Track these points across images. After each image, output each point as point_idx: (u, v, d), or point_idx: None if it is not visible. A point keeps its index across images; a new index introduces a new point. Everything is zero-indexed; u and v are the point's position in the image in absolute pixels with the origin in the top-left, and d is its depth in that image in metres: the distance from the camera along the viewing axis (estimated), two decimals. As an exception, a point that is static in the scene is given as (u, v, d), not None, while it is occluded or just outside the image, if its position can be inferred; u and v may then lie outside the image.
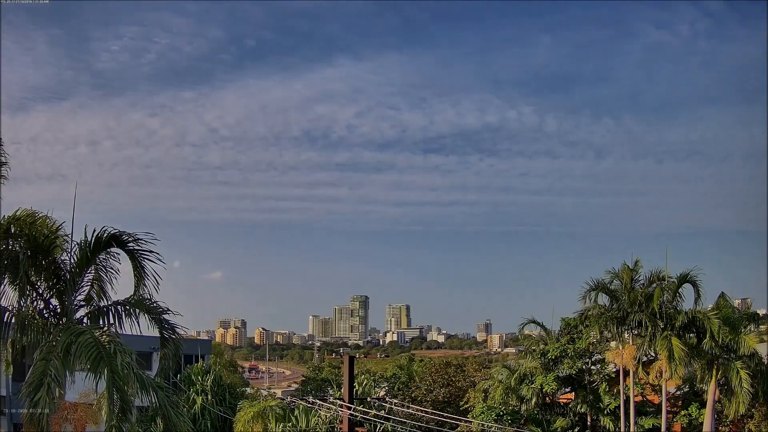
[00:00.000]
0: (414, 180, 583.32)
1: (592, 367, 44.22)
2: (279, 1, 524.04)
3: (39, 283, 19.43)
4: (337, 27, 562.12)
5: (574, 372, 43.44)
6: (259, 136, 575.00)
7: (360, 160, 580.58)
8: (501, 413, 41.72)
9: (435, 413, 40.13)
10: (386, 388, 59.85)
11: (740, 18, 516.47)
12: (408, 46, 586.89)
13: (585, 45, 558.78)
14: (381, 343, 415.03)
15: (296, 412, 38.30)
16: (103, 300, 20.01)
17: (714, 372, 37.13)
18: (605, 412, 42.72)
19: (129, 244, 19.36)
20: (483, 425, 40.45)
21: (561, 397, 46.25)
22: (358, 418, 33.53)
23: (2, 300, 18.85)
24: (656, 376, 38.44)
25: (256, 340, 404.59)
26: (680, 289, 38.45)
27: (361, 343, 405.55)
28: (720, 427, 41.21)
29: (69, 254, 19.46)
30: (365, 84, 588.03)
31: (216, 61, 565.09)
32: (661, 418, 39.43)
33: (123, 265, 19.95)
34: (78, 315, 19.55)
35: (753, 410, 39.48)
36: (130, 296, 19.77)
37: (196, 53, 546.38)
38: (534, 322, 46.56)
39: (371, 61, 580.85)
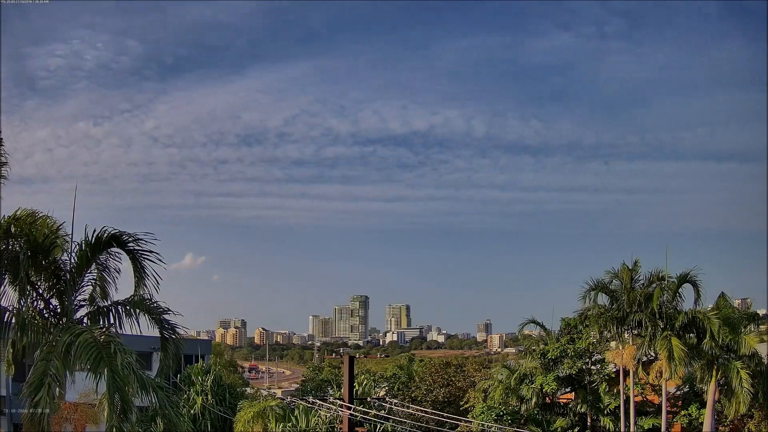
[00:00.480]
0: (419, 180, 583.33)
1: (592, 367, 44.22)
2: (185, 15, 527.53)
3: (39, 283, 19.43)
4: (246, 41, 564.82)
5: (574, 372, 43.46)
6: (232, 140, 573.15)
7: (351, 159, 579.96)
8: (501, 413, 41.74)
9: (435, 413, 40.14)
10: (386, 388, 59.81)
11: (735, 16, 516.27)
12: (313, 55, 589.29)
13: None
14: (381, 343, 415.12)
15: (296, 412, 38.29)
16: (103, 300, 20.02)
17: (714, 372, 37.13)
18: (605, 412, 42.74)
19: (129, 244, 19.37)
20: (483, 425, 40.46)
21: (561, 397, 46.27)
22: (358, 418, 33.52)
23: (2, 300, 18.88)
24: (656, 376, 38.45)
25: (256, 340, 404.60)
26: (680, 289, 38.48)
27: (361, 343, 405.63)
28: (720, 427, 41.21)
29: (69, 254, 19.48)
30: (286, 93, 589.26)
31: (142, 76, 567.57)
32: (661, 418, 39.44)
33: (123, 265, 19.98)
34: (78, 315, 19.56)
35: (753, 410, 39.48)
36: (131, 296, 19.78)
37: (124, 69, 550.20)
38: (534, 322, 46.61)
39: (283, 72, 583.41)
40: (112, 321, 19.61)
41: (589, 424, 43.83)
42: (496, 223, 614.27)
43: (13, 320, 18.61)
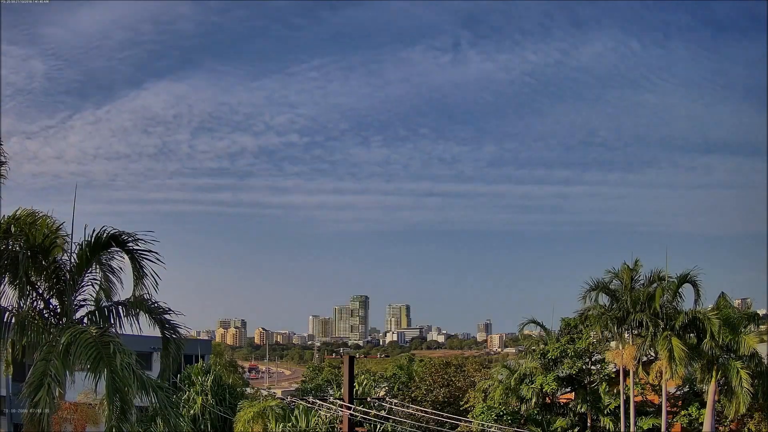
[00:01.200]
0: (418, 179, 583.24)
1: (592, 367, 44.22)
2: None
3: (39, 283, 19.40)
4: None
5: (574, 372, 43.45)
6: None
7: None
8: (501, 413, 41.74)
9: (435, 413, 40.15)
10: (386, 388, 59.83)
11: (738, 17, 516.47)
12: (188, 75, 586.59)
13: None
14: (381, 343, 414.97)
15: (296, 412, 38.29)
16: (103, 300, 20.00)
17: (714, 372, 37.12)
18: (605, 412, 42.72)
19: (128, 244, 19.33)
20: (483, 425, 40.45)
21: (561, 397, 46.25)
22: (358, 418, 33.53)
23: (2, 300, 18.86)
24: (656, 377, 38.44)
25: (256, 340, 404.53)
26: (680, 289, 38.49)
27: (361, 343, 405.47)
28: (720, 427, 41.19)
29: (69, 254, 19.46)
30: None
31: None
32: (661, 418, 39.43)
33: (123, 264, 19.95)
34: (78, 315, 19.54)
35: (753, 410, 39.47)
36: (130, 296, 19.76)
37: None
38: (534, 322, 46.61)
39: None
40: (112, 321, 19.59)
41: (589, 424, 43.82)
42: (497, 222, 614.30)
43: (13, 320, 18.59)
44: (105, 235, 19.07)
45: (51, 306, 19.46)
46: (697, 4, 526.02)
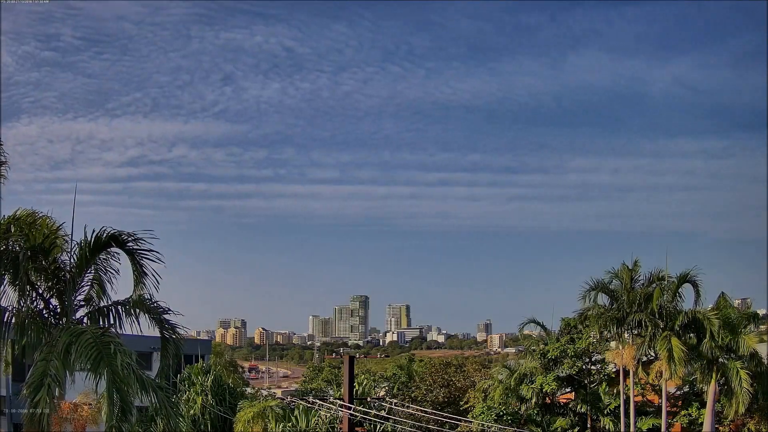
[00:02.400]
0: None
1: (592, 367, 44.22)
2: None
3: (39, 284, 19.40)
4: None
5: (574, 372, 43.44)
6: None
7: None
8: (501, 413, 41.73)
9: (435, 413, 40.15)
10: (386, 388, 59.83)
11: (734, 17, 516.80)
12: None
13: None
14: (381, 343, 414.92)
15: (296, 412, 38.34)
16: (103, 300, 20.00)
17: (714, 372, 37.12)
18: (605, 412, 42.73)
19: (128, 244, 19.32)
20: (483, 425, 40.45)
21: (561, 397, 46.25)
22: (358, 418, 33.55)
23: (2, 300, 18.86)
24: (656, 377, 38.44)
25: (256, 340, 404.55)
26: (680, 289, 38.47)
27: (361, 343, 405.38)
28: (720, 427, 41.18)
29: (69, 254, 19.46)
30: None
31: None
32: (661, 418, 39.43)
33: (123, 264, 19.95)
34: (78, 315, 19.53)
35: (753, 410, 39.46)
36: (131, 296, 19.76)
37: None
38: (534, 322, 46.59)
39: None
40: (112, 321, 19.59)
41: (589, 424, 43.82)
42: (496, 222, 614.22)
43: (13, 320, 18.59)
44: (105, 234, 19.07)
45: (51, 306, 19.45)
46: None
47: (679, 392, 43.87)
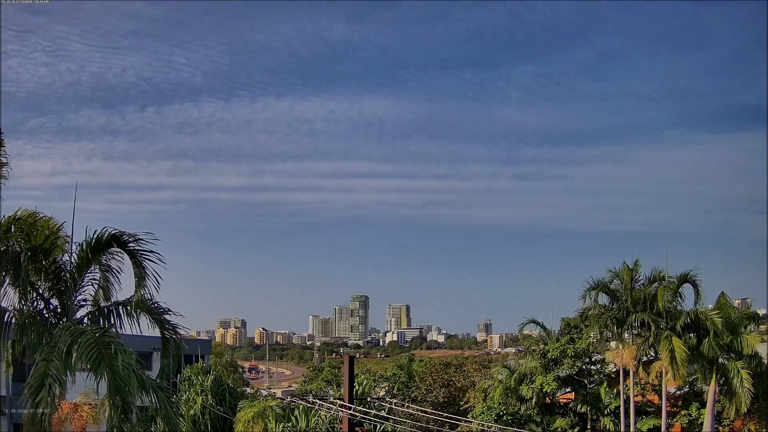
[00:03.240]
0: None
1: (592, 367, 44.20)
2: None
3: (39, 284, 19.41)
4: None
5: (574, 372, 43.43)
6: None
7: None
8: (501, 413, 41.71)
9: (435, 413, 40.13)
10: (386, 388, 59.79)
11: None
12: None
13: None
14: (381, 343, 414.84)
15: (296, 412, 38.32)
16: (103, 300, 20.00)
17: (714, 372, 37.10)
18: (605, 412, 42.70)
19: (129, 245, 19.35)
20: (483, 425, 40.43)
21: (561, 397, 46.23)
22: (358, 418, 33.54)
23: (3, 300, 18.86)
24: (656, 377, 38.42)
25: (256, 340, 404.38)
26: (680, 289, 38.45)
27: (361, 343, 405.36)
28: (720, 427, 41.17)
29: (69, 255, 19.46)
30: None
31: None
32: (661, 418, 39.42)
33: (123, 265, 19.94)
34: (78, 315, 19.54)
35: (753, 410, 39.44)
36: (131, 296, 19.76)
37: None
38: (534, 321, 46.54)
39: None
40: (112, 321, 19.60)
41: (589, 424, 43.81)
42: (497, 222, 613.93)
43: (14, 320, 18.59)
44: (106, 235, 19.08)
45: (51, 306, 19.46)
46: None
47: (679, 392, 43.84)
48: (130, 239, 19.17)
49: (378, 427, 39.28)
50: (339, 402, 33.28)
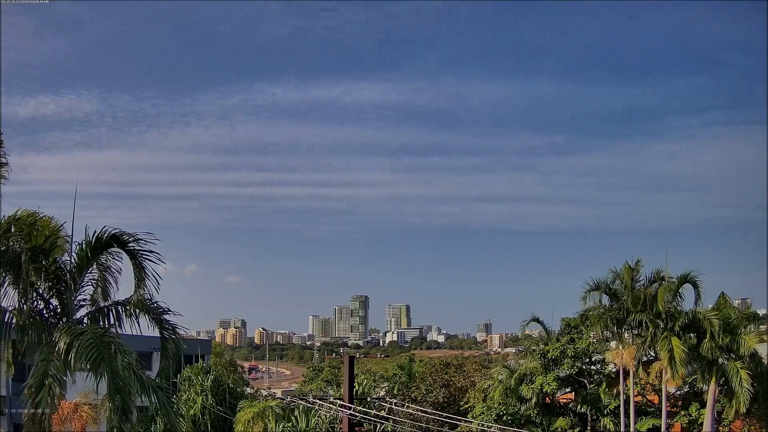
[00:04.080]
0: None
1: (592, 367, 44.19)
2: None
3: (39, 284, 19.41)
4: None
5: (574, 372, 43.43)
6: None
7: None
8: (501, 413, 41.70)
9: (435, 413, 40.13)
10: (386, 388, 59.79)
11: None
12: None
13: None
14: (381, 343, 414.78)
15: (296, 412, 38.30)
16: (103, 300, 20.00)
17: (714, 372, 37.09)
18: (605, 412, 42.68)
19: (129, 244, 19.36)
20: (483, 425, 40.42)
21: (561, 397, 46.22)
22: (358, 418, 33.55)
23: (3, 301, 18.86)
24: (656, 377, 38.42)
25: (256, 340, 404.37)
26: (680, 290, 38.45)
27: (361, 343, 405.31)
28: (720, 427, 41.17)
29: (69, 255, 19.46)
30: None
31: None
32: (661, 418, 39.42)
33: (124, 265, 19.95)
34: (78, 315, 19.54)
35: (753, 411, 39.44)
36: (131, 296, 19.77)
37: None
38: (537, 320, 46.44)
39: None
40: (112, 321, 19.60)
41: (589, 424, 43.80)
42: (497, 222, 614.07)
43: (14, 320, 18.59)
44: (106, 235, 19.09)
45: (51, 306, 19.47)
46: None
47: (679, 392, 43.84)
48: (130, 239, 19.19)
49: (378, 427, 39.27)
50: (339, 402, 33.29)
